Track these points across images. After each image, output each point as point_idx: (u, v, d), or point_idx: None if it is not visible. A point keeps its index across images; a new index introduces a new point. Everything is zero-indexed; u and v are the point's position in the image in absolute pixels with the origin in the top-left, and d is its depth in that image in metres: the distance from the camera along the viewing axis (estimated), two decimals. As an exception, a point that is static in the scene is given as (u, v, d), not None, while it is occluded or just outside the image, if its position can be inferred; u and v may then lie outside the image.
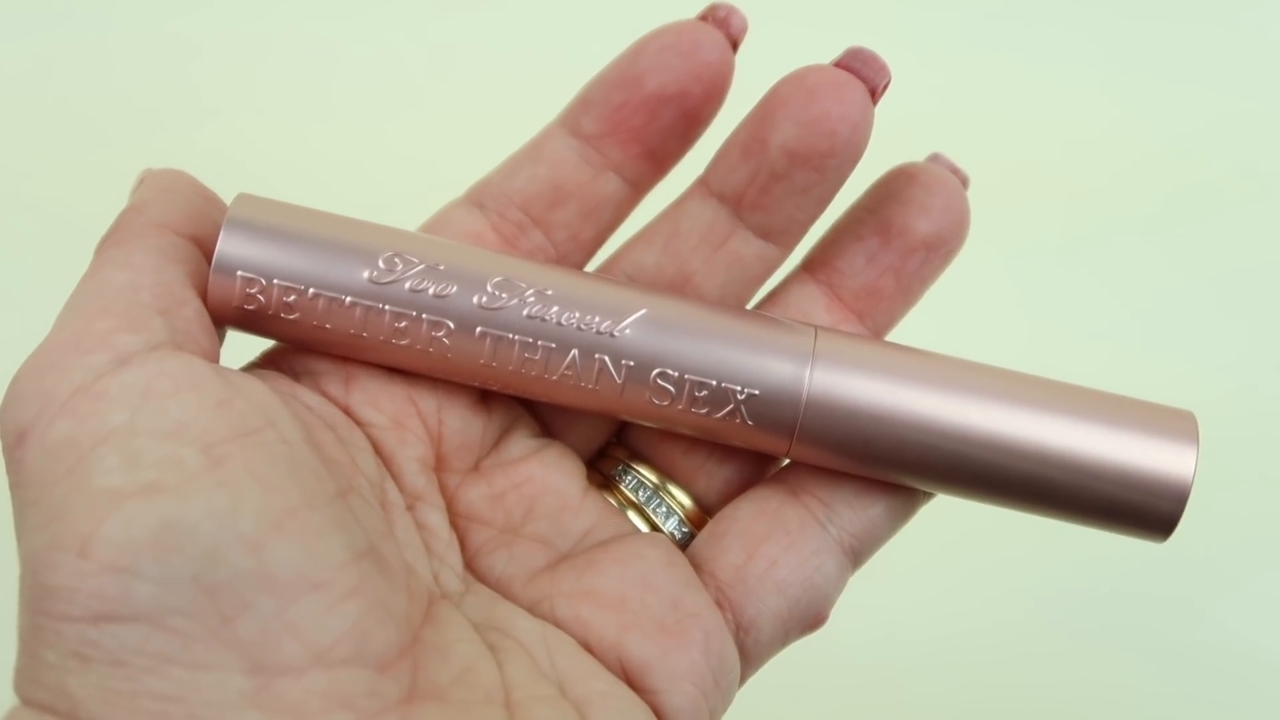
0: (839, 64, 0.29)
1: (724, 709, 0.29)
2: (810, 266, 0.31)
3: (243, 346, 0.30)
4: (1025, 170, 0.59)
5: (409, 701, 0.24)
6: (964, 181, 0.31)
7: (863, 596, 0.34)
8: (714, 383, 0.29)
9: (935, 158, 0.31)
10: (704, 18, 0.29)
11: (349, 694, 0.23)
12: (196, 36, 0.60)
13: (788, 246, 0.30)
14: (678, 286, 0.30)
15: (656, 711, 0.27)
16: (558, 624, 0.28)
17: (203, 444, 0.24)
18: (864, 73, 0.28)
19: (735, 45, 0.29)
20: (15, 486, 0.24)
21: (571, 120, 0.30)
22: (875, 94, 0.29)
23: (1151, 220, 0.60)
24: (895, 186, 0.31)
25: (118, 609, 0.22)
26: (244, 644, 0.23)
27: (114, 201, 0.29)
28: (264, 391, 0.26)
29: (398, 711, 0.24)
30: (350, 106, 0.59)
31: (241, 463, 0.24)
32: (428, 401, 0.29)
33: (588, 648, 0.28)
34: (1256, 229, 0.61)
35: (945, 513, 0.34)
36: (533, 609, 0.28)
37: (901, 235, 0.30)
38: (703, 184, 0.30)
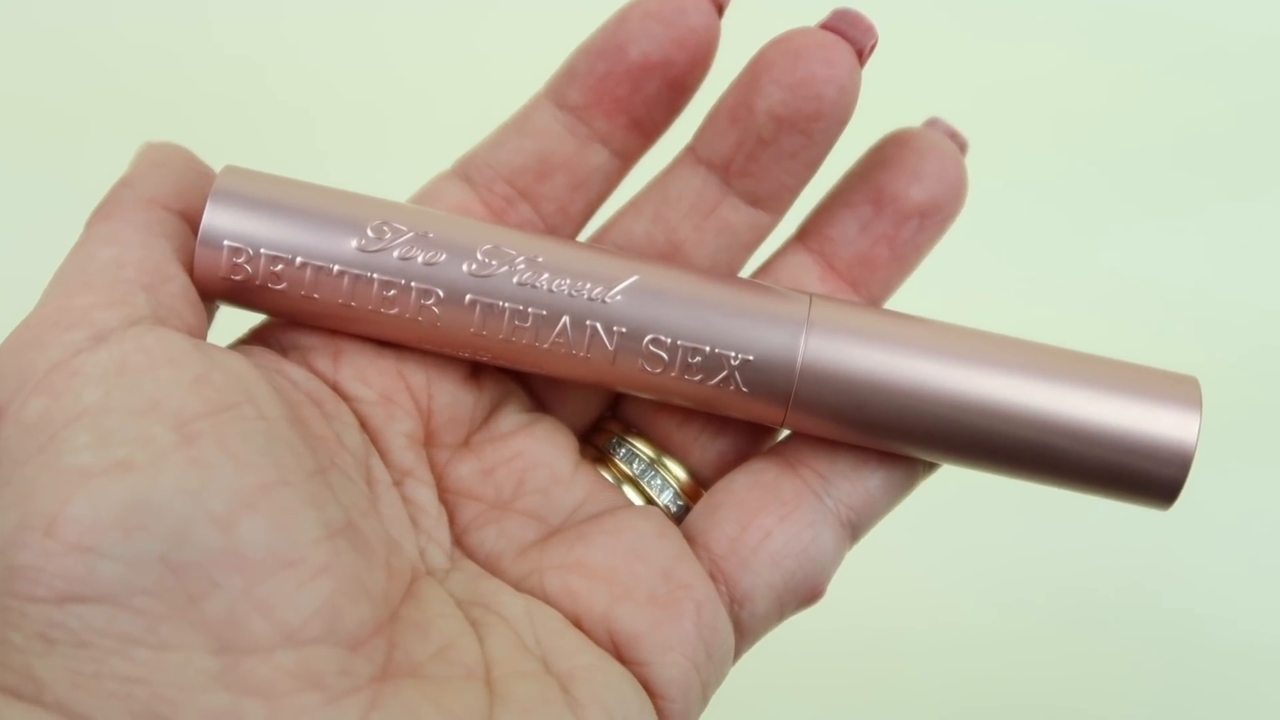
0: (825, 26, 0.28)
1: (718, 682, 0.29)
2: (803, 236, 0.31)
3: (234, 325, 0.30)
4: (1024, 134, 0.58)
5: (383, 679, 0.24)
6: (962, 146, 0.31)
7: (863, 571, 0.33)
8: (707, 348, 0.28)
9: (933, 122, 0.31)
10: None
11: (319, 672, 0.23)
12: (195, 23, 0.60)
13: (777, 212, 0.30)
14: (668, 255, 0.30)
15: (646, 683, 0.27)
16: (547, 597, 0.28)
17: (176, 421, 0.24)
18: (850, 34, 0.28)
19: (721, 10, 0.29)
20: None
21: (557, 91, 0.30)
22: (862, 55, 0.28)
23: (1152, 187, 0.59)
24: (888, 152, 0.30)
25: (83, 589, 0.22)
26: (211, 624, 0.22)
27: (108, 178, 0.29)
28: (245, 366, 0.26)
29: (370, 689, 0.23)
30: (346, 92, 0.59)
31: (214, 439, 0.24)
32: (417, 376, 0.29)
33: (577, 620, 0.27)
34: (1257, 194, 0.59)
35: (948, 488, 0.33)
36: (522, 582, 0.28)
37: (893, 203, 0.30)
38: (691, 152, 0.30)
